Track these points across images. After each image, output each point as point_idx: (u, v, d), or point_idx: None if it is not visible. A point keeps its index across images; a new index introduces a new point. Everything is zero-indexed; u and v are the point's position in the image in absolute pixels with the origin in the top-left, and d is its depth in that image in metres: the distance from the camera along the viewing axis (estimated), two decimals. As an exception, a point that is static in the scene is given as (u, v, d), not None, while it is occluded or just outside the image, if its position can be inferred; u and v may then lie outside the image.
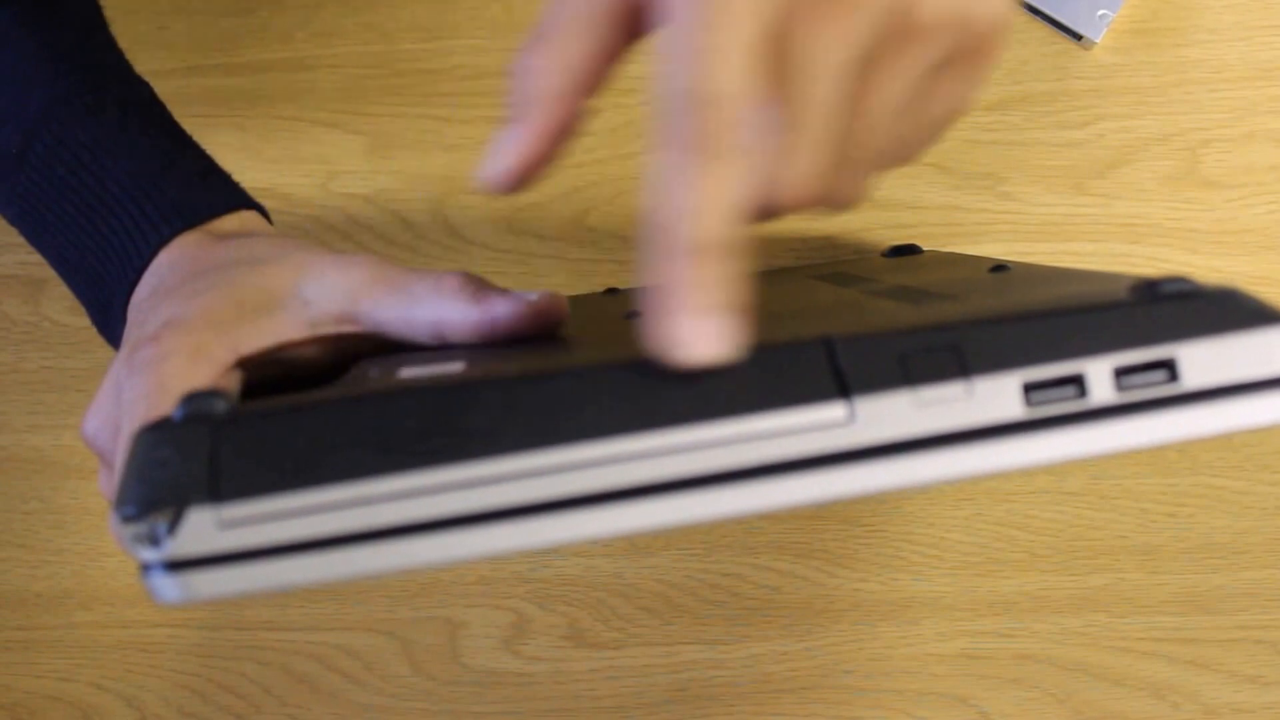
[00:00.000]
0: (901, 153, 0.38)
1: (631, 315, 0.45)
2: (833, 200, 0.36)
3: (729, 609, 0.59)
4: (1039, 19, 0.63)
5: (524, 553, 0.28)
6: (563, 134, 0.34)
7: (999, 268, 0.46)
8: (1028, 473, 0.59)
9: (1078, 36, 0.63)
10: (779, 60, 0.32)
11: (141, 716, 0.60)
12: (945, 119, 0.38)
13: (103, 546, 0.62)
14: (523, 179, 0.35)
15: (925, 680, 0.58)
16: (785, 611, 0.59)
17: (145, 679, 0.61)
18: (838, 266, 0.54)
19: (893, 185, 0.62)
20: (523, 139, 0.34)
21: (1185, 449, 0.59)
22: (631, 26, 0.35)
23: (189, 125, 0.53)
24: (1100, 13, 0.63)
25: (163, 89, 0.54)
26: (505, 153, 0.34)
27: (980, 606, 0.59)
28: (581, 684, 0.59)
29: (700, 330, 0.28)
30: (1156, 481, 0.59)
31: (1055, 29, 0.63)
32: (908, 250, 0.58)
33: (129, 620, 0.61)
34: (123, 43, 0.54)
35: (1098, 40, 0.63)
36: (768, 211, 0.33)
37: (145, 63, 0.55)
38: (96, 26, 0.54)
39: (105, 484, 0.45)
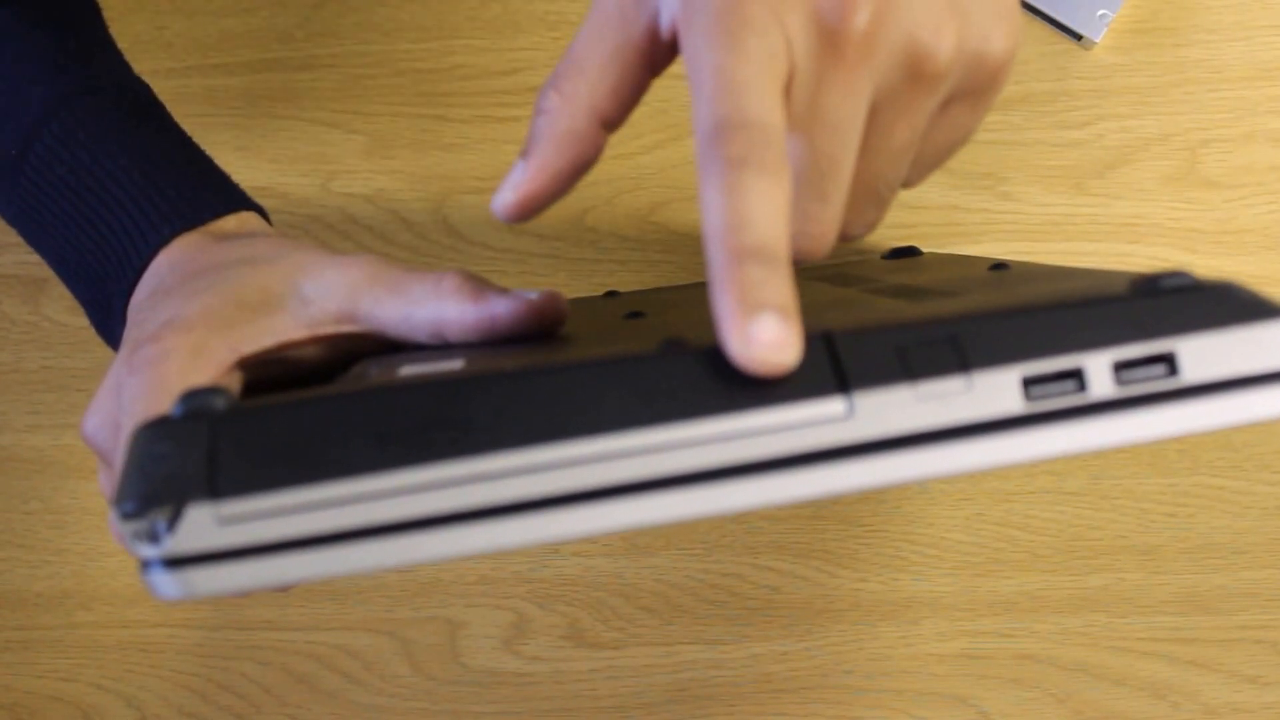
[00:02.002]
0: (909, 181, 0.39)
1: (632, 315, 0.45)
2: (847, 234, 0.37)
3: (729, 609, 0.59)
4: (1039, 19, 0.64)
5: (523, 548, 0.29)
6: (573, 171, 0.36)
7: (999, 266, 0.46)
8: (1027, 468, 0.59)
9: (1078, 36, 0.63)
10: (797, 110, 0.33)
11: (142, 716, 0.60)
12: (952, 147, 0.39)
13: (103, 546, 0.62)
14: (528, 211, 0.36)
15: (925, 680, 0.58)
16: (785, 611, 0.59)
17: (145, 679, 0.61)
18: (837, 268, 0.54)
19: (892, 185, 0.62)
20: (531, 174, 0.36)
21: (1185, 448, 0.59)
22: (653, 63, 0.35)
23: (188, 125, 0.53)
24: (1100, 13, 0.63)
25: (162, 89, 0.54)
26: (513, 185, 0.36)
27: (980, 606, 0.59)
28: (581, 684, 0.59)
29: (767, 331, 0.28)
30: (1156, 481, 0.59)
31: (1055, 29, 0.63)
32: (907, 252, 0.58)
33: (129, 620, 0.61)
34: (122, 43, 0.55)
35: (1098, 40, 0.63)
36: (792, 254, 0.34)
37: (144, 63, 0.55)
38: (96, 27, 0.54)
39: (105, 483, 0.45)
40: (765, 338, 0.28)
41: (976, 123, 0.38)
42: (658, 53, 0.36)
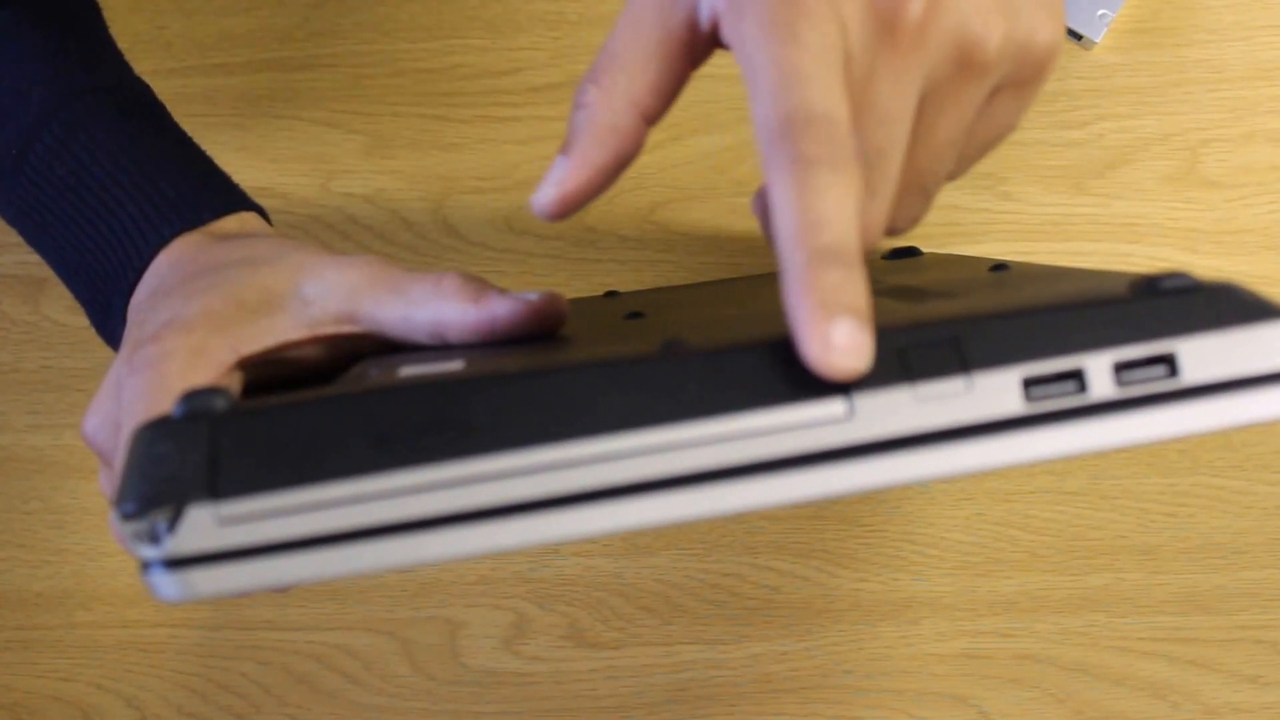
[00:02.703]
0: (955, 172, 0.39)
1: (632, 316, 0.44)
2: (897, 226, 0.37)
3: (729, 609, 0.59)
4: (1039, 19, 0.63)
5: (524, 549, 0.29)
6: (615, 166, 0.36)
7: (999, 267, 0.46)
8: (1028, 469, 0.59)
9: (1078, 36, 0.63)
10: (850, 98, 0.32)
11: (141, 716, 0.60)
12: (997, 138, 0.38)
13: (103, 546, 0.62)
14: (570, 207, 0.36)
15: (925, 680, 0.58)
16: (785, 611, 0.59)
17: (145, 679, 0.61)
18: None
19: (892, 185, 0.62)
20: (573, 170, 0.35)
21: (1186, 448, 0.59)
22: (693, 55, 0.35)
23: (188, 125, 0.53)
24: (1100, 13, 0.63)
25: (162, 89, 0.54)
26: (555, 181, 0.35)
27: (980, 606, 0.59)
28: (581, 684, 0.59)
29: (845, 335, 0.28)
30: (1156, 481, 0.59)
31: (1055, 29, 0.63)
32: (907, 252, 0.58)
33: (129, 620, 0.61)
34: (121, 43, 0.55)
35: (1098, 40, 0.63)
36: None
37: (144, 62, 0.55)
38: (95, 27, 0.54)
39: (105, 483, 0.45)
40: (844, 342, 0.28)
41: (1020, 115, 0.38)
42: (697, 45, 0.35)
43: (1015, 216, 0.62)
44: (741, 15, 0.32)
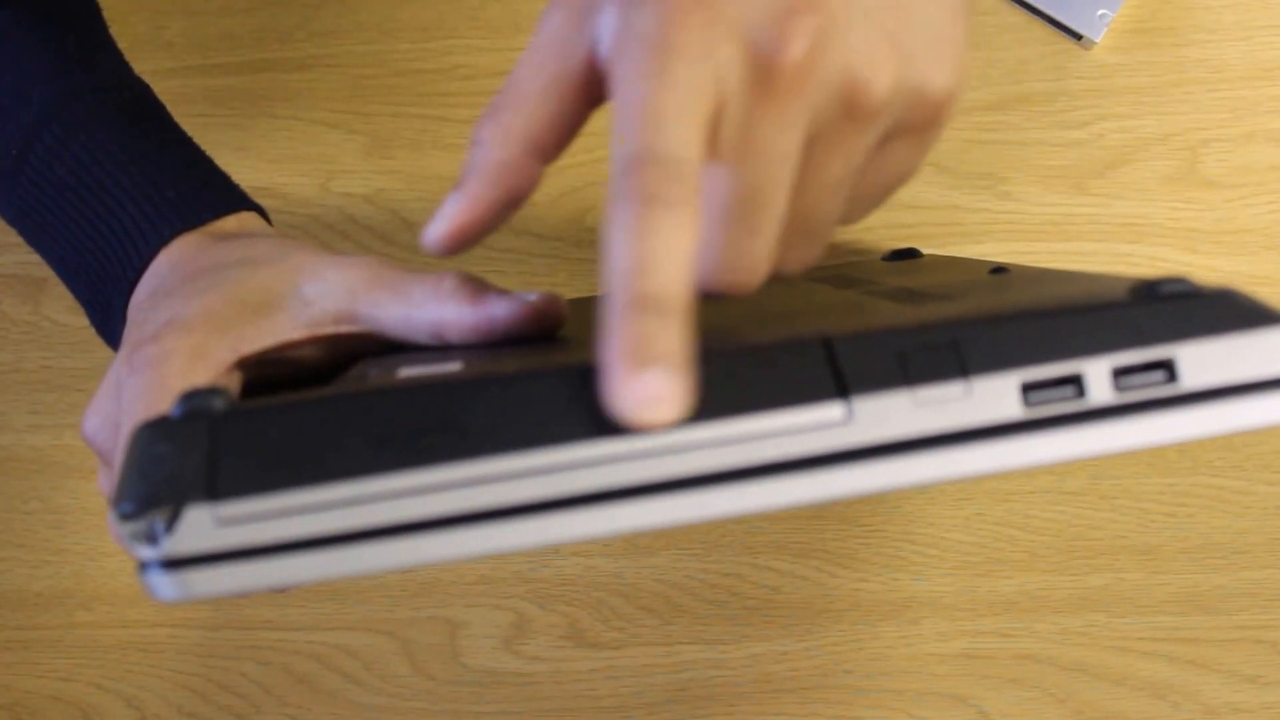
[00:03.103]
0: (847, 218, 0.38)
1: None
2: (785, 268, 0.36)
3: (729, 609, 0.59)
4: (1039, 19, 0.63)
5: (521, 551, 0.28)
6: (507, 203, 0.35)
7: (998, 270, 0.46)
8: (1027, 472, 0.59)
9: (1078, 36, 0.63)
10: (729, 142, 0.32)
11: (141, 716, 0.60)
12: (892, 185, 0.38)
13: (103, 546, 0.62)
14: (460, 243, 0.35)
15: (925, 680, 0.58)
16: (785, 611, 0.59)
17: (145, 679, 0.61)
18: (837, 269, 0.54)
19: (893, 185, 0.62)
20: (463, 207, 0.35)
21: (1185, 449, 0.59)
22: (590, 95, 0.35)
23: (188, 125, 0.53)
24: (1100, 12, 0.63)
25: (162, 89, 0.54)
26: (445, 218, 0.35)
27: (980, 606, 0.59)
28: (581, 684, 0.59)
29: (652, 386, 0.27)
30: (1156, 481, 0.59)
31: (1055, 29, 0.63)
32: (907, 254, 0.58)
33: (129, 620, 0.61)
34: (121, 43, 0.55)
35: (1098, 40, 0.63)
36: (720, 287, 0.34)
37: (144, 63, 0.55)
38: (95, 27, 0.54)
39: (105, 483, 0.45)
40: (649, 393, 0.27)
41: (917, 162, 0.37)
42: (594, 84, 0.34)
43: (1015, 216, 0.62)
44: (621, 53, 0.32)
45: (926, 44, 0.34)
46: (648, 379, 0.27)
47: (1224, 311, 0.30)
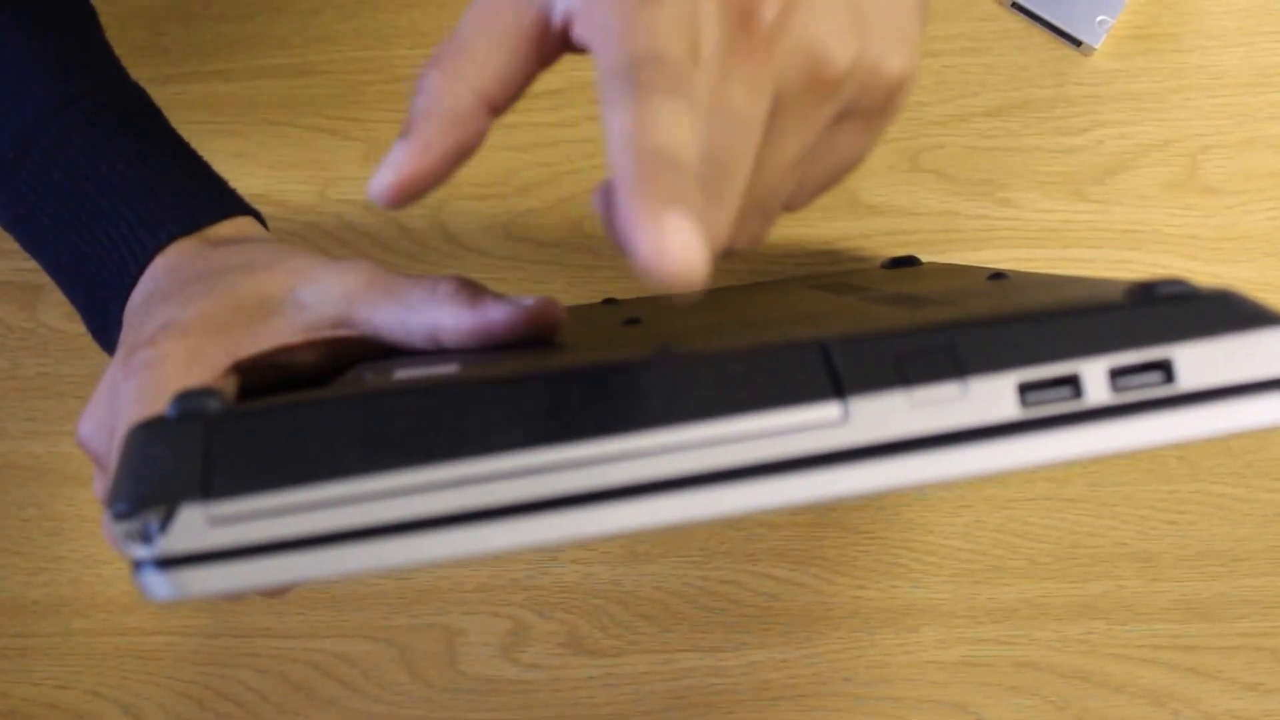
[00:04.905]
0: (794, 201, 0.38)
1: (629, 322, 0.44)
2: (736, 245, 0.36)
3: (728, 616, 0.59)
4: (1038, 25, 0.63)
5: (516, 551, 0.28)
6: (456, 153, 0.34)
7: (997, 276, 0.46)
8: (1024, 474, 0.59)
9: (1077, 42, 0.63)
10: (700, 96, 0.32)
11: (138, 724, 0.60)
12: (842, 170, 0.38)
13: (100, 553, 0.62)
14: (406, 194, 0.34)
15: (924, 688, 0.58)
16: (784, 619, 0.59)
17: (142, 686, 0.60)
18: (836, 277, 0.54)
19: (891, 192, 0.62)
20: (409, 156, 0.34)
21: (1185, 456, 0.59)
22: (543, 50, 0.35)
23: (185, 131, 0.53)
24: (1099, 19, 0.63)
25: (159, 95, 0.54)
26: (392, 165, 0.34)
27: (979, 614, 0.58)
28: (580, 691, 0.59)
29: (676, 233, 0.26)
30: (1156, 488, 0.59)
31: (1054, 35, 0.63)
32: (906, 262, 0.58)
33: (126, 627, 0.61)
34: (119, 49, 0.55)
35: (1097, 46, 0.63)
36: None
37: (141, 69, 0.55)
38: (92, 32, 0.54)
39: (101, 488, 0.45)
40: (678, 240, 0.26)
41: (866, 148, 0.38)
42: (548, 42, 0.35)
43: (1015, 223, 0.62)
44: (596, 3, 0.32)
45: (885, 28, 0.35)
46: (670, 224, 0.26)
47: (1221, 312, 0.30)
